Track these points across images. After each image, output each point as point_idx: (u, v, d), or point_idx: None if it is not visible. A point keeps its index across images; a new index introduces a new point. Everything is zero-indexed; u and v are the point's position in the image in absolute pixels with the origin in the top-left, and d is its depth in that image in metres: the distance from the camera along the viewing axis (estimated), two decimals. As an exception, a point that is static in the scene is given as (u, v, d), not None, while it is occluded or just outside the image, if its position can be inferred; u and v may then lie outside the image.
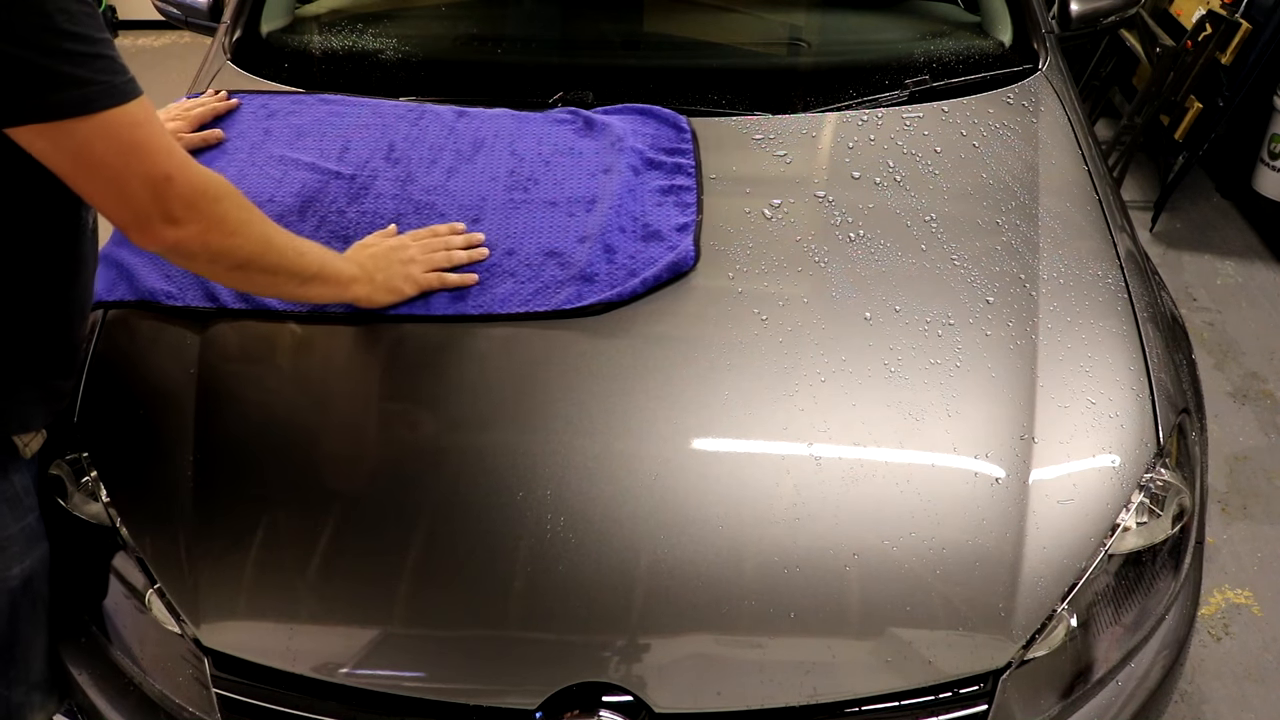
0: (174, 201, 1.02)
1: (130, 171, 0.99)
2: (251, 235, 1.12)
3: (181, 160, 1.03)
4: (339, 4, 2.05)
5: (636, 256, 1.39)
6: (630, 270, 1.37)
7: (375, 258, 1.33)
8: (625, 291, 1.34)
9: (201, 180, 1.05)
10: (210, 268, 1.14)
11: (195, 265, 1.14)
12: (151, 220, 1.03)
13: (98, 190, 1.00)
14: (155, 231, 1.04)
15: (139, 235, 1.04)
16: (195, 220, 1.05)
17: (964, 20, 2.04)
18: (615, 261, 1.38)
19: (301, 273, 1.21)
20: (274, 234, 1.16)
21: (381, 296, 1.32)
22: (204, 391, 1.28)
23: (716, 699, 1.09)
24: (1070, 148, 1.67)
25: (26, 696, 1.23)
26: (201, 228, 1.06)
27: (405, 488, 1.19)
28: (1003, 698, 1.13)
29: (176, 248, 1.06)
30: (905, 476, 1.19)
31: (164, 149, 1.01)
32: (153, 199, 1.01)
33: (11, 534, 1.13)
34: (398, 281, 1.33)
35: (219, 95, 1.65)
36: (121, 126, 0.96)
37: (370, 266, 1.31)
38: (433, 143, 1.56)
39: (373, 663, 1.11)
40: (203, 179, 1.06)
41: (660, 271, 1.36)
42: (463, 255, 1.38)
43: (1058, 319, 1.36)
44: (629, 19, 2.02)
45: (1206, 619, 2.10)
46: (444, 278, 1.35)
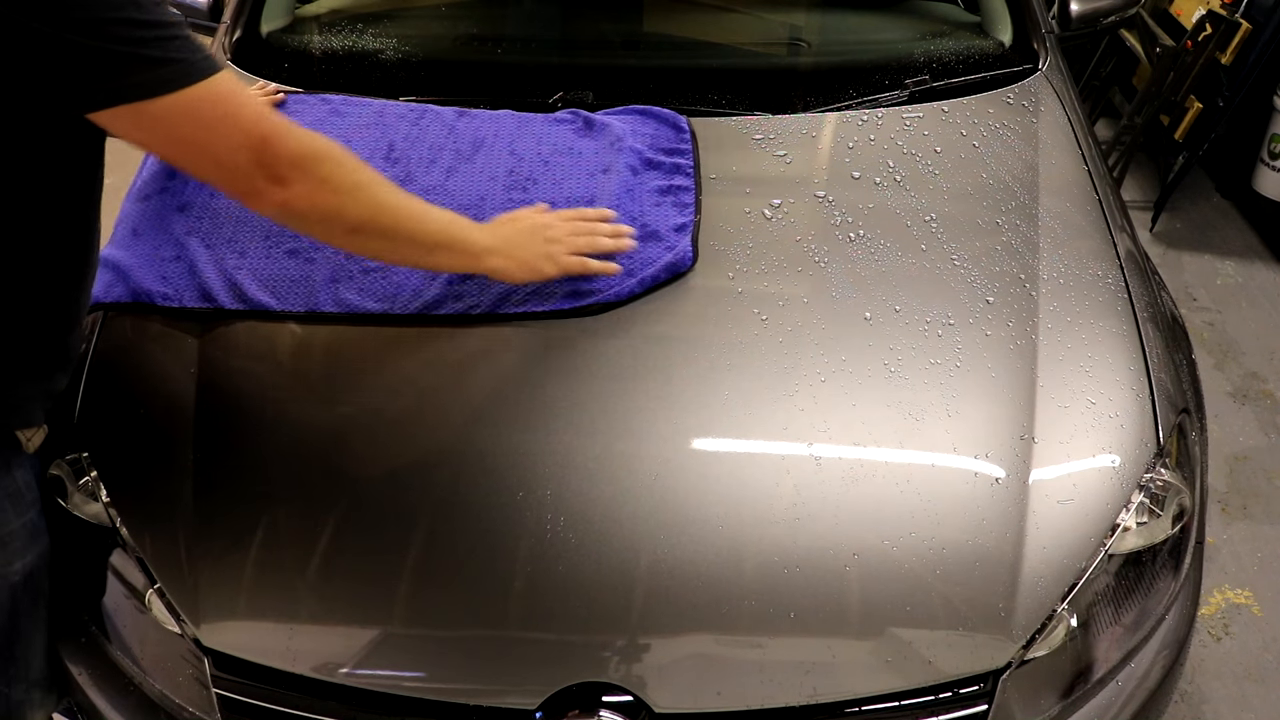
0: (278, 162, 1.04)
1: (226, 141, 1.01)
2: (361, 197, 1.12)
3: (277, 123, 1.05)
4: (339, 4, 2.04)
5: (634, 256, 1.39)
6: (628, 270, 1.37)
7: (519, 233, 1.31)
8: (623, 292, 1.34)
9: (303, 140, 1.07)
10: (325, 230, 1.15)
11: (309, 227, 1.15)
12: (257, 183, 1.04)
13: (200, 163, 1.04)
14: (264, 194, 1.05)
15: (250, 200, 1.07)
16: (301, 179, 1.06)
17: (964, 20, 2.04)
18: (614, 261, 1.38)
19: (424, 240, 1.20)
20: (389, 197, 1.16)
21: (519, 273, 1.29)
22: (204, 391, 1.28)
23: (716, 699, 1.09)
24: (1070, 148, 1.67)
25: (26, 694, 1.23)
26: (308, 187, 1.07)
27: (405, 487, 1.19)
28: (1003, 698, 1.13)
29: (286, 207, 1.07)
30: (905, 476, 1.19)
31: (255, 115, 1.03)
32: (255, 163, 1.03)
33: (13, 529, 1.14)
34: (539, 260, 1.30)
35: (266, 90, 1.65)
36: (208, 100, 0.99)
37: (512, 241, 1.29)
38: (432, 142, 1.56)
39: (373, 663, 1.11)
40: (304, 139, 1.07)
41: (658, 272, 1.36)
42: (608, 243, 1.36)
43: (1058, 319, 1.36)
44: (629, 19, 2.02)
45: (1206, 619, 2.10)
46: (586, 263, 1.33)
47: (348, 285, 1.36)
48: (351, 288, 1.35)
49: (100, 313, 1.38)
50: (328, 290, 1.35)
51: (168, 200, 1.47)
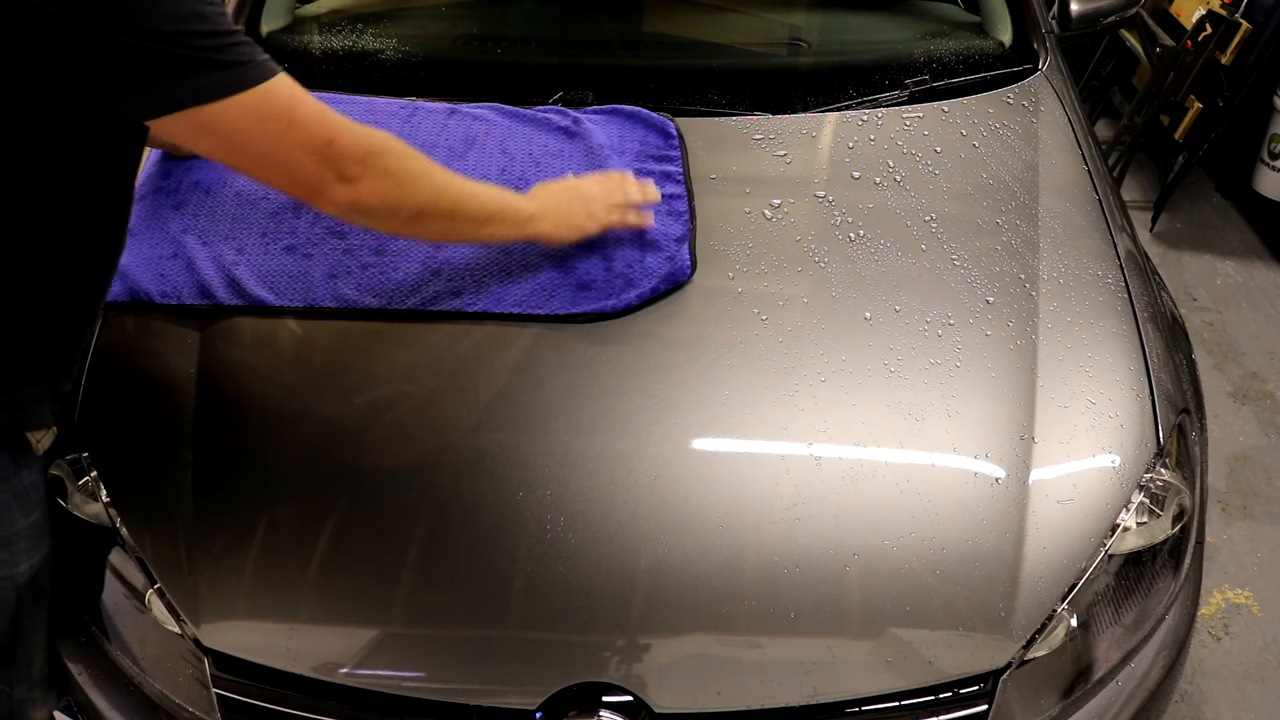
0: (345, 161, 1.07)
1: (291, 143, 1.03)
2: (422, 183, 1.16)
3: (339, 123, 1.07)
4: (339, 4, 2.04)
5: (634, 266, 1.38)
6: (627, 280, 1.37)
7: (556, 195, 1.36)
8: (621, 304, 1.34)
9: (364, 138, 1.09)
10: (389, 221, 1.18)
11: (373, 220, 1.18)
12: (326, 184, 1.07)
13: (266, 166, 1.06)
14: (332, 194, 1.08)
15: (318, 201, 1.09)
16: (367, 176, 1.09)
17: (964, 20, 2.04)
18: (613, 270, 1.38)
19: (478, 215, 1.24)
20: (446, 180, 1.20)
21: (565, 234, 1.35)
22: (204, 391, 1.28)
23: (716, 699, 1.09)
24: (1070, 148, 1.67)
25: (29, 693, 1.23)
26: (374, 183, 1.10)
27: (405, 487, 1.19)
28: (1003, 698, 1.13)
29: (354, 205, 1.10)
30: (905, 476, 1.19)
31: (318, 116, 1.05)
32: (321, 164, 1.05)
33: (21, 529, 1.14)
34: (580, 219, 1.35)
35: None
36: (271, 101, 1.00)
37: (551, 204, 1.34)
38: (424, 140, 1.56)
39: (373, 663, 1.11)
40: (365, 136, 1.09)
41: (657, 284, 1.36)
42: (636, 194, 1.40)
43: (1058, 319, 1.36)
44: (629, 19, 2.02)
45: (1206, 619, 2.10)
46: (624, 215, 1.38)
47: (346, 281, 1.36)
48: (350, 283, 1.35)
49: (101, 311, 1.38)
50: (326, 285, 1.35)
51: (163, 199, 1.48)
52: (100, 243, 1.11)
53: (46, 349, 1.11)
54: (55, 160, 1.00)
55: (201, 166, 1.53)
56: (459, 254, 1.39)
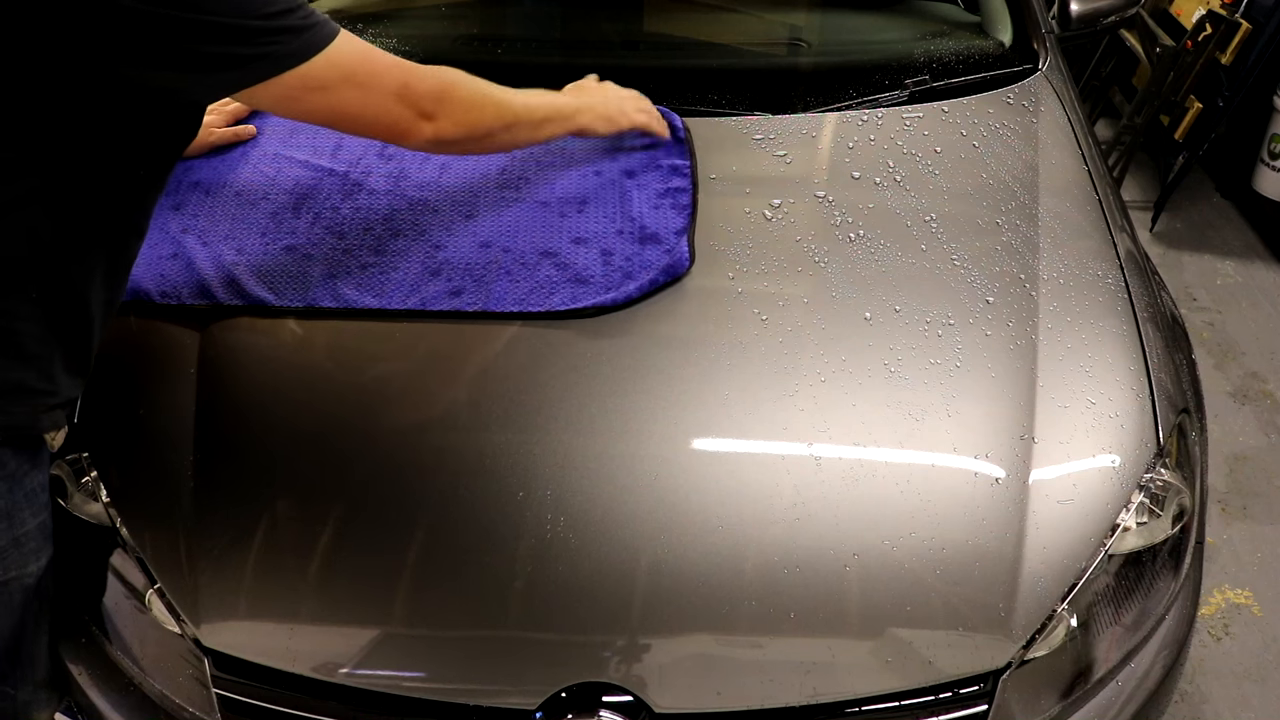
0: (422, 99, 1.17)
1: (375, 92, 1.13)
2: (488, 106, 1.28)
3: (409, 65, 1.17)
4: (339, 4, 2.04)
5: (633, 259, 1.39)
6: (626, 273, 1.37)
7: (591, 92, 1.49)
8: (620, 296, 1.34)
9: (434, 75, 1.20)
10: (466, 146, 1.30)
11: (455, 148, 1.30)
12: (412, 124, 1.18)
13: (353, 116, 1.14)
14: (418, 131, 1.19)
15: (404, 139, 1.20)
16: (446, 111, 1.20)
17: (964, 20, 2.04)
18: (611, 264, 1.38)
19: (533, 120, 1.36)
20: (505, 97, 1.30)
21: (603, 127, 1.48)
22: (204, 392, 1.28)
23: (716, 699, 1.09)
24: (1070, 148, 1.67)
25: (33, 694, 1.23)
26: (452, 115, 1.21)
27: (405, 487, 1.19)
28: (1003, 698, 1.13)
29: (438, 137, 1.22)
30: (905, 476, 1.19)
31: (392, 62, 1.15)
32: (404, 106, 1.16)
33: (31, 530, 1.14)
34: (616, 114, 1.48)
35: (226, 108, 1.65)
36: (345, 56, 1.09)
37: (591, 99, 1.46)
38: None
39: (373, 663, 1.11)
40: (434, 74, 1.20)
41: (656, 276, 1.36)
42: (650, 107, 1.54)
43: (1058, 319, 1.36)
44: (629, 19, 2.02)
45: (1206, 619, 2.10)
46: (650, 120, 1.53)
47: (345, 280, 1.36)
48: (349, 283, 1.35)
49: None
50: (325, 285, 1.35)
51: (162, 200, 1.47)
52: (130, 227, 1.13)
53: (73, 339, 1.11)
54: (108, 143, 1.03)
55: (201, 167, 1.53)
56: (459, 254, 1.39)
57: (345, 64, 1.09)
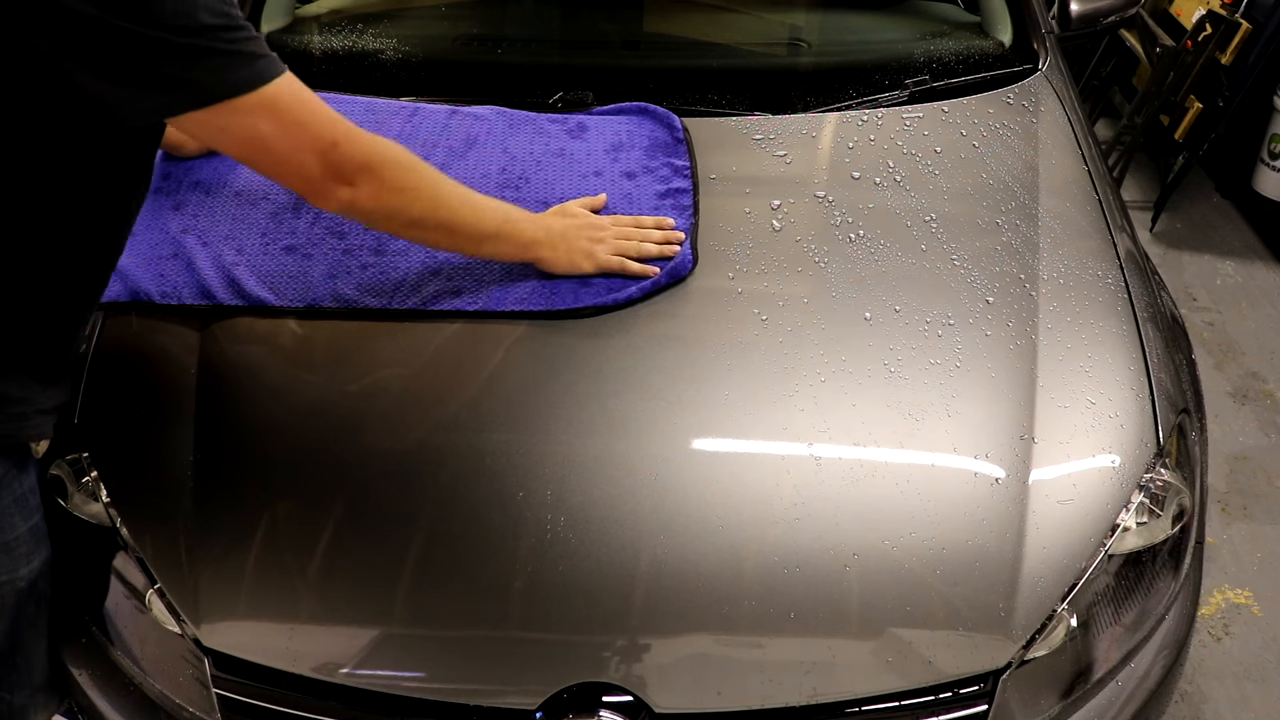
0: (345, 164, 1.11)
1: (299, 142, 1.07)
2: (422, 193, 1.20)
3: (345, 127, 1.11)
4: (339, 4, 2.04)
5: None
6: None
7: (566, 227, 1.37)
8: (621, 297, 1.34)
9: (368, 145, 1.13)
10: (387, 225, 1.23)
11: (371, 222, 1.24)
12: (326, 184, 1.11)
13: (273, 162, 1.09)
14: (331, 193, 1.12)
15: (317, 198, 1.13)
16: (367, 181, 1.13)
17: (964, 20, 2.04)
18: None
19: (478, 233, 1.28)
20: (446, 193, 1.24)
21: (562, 265, 1.36)
22: (204, 391, 1.28)
23: (716, 699, 1.09)
24: (1070, 148, 1.67)
25: (30, 699, 1.23)
26: (374, 188, 1.14)
27: (405, 487, 1.19)
28: (1003, 698, 1.13)
29: (352, 207, 1.15)
30: (905, 477, 1.19)
31: (327, 118, 1.09)
32: (324, 165, 1.09)
33: (21, 534, 1.14)
34: (579, 257, 1.36)
35: None
36: (281, 99, 1.04)
37: (558, 233, 1.36)
38: (425, 140, 1.57)
39: (373, 663, 1.11)
40: (369, 142, 1.14)
41: (659, 277, 1.36)
42: (654, 249, 1.39)
43: (1058, 319, 1.36)
44: (629, 19, 2.02)
45: (1206, 619, 2.10)
46: (625, 263, 1.37)
47: (345, 280, 1.36)
48: (349, 283, 1.35)
49: (100, 313, 1.38)
50: (326, 285, 1.35)
51: (162, 200, 1.48)
52: (102, 239, 1.11)
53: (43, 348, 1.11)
54: (73, 155, 1.01)
55: (201, 167, 1.53)
56: (457, 255, 1.39)
57: (280, 106, 1.04)
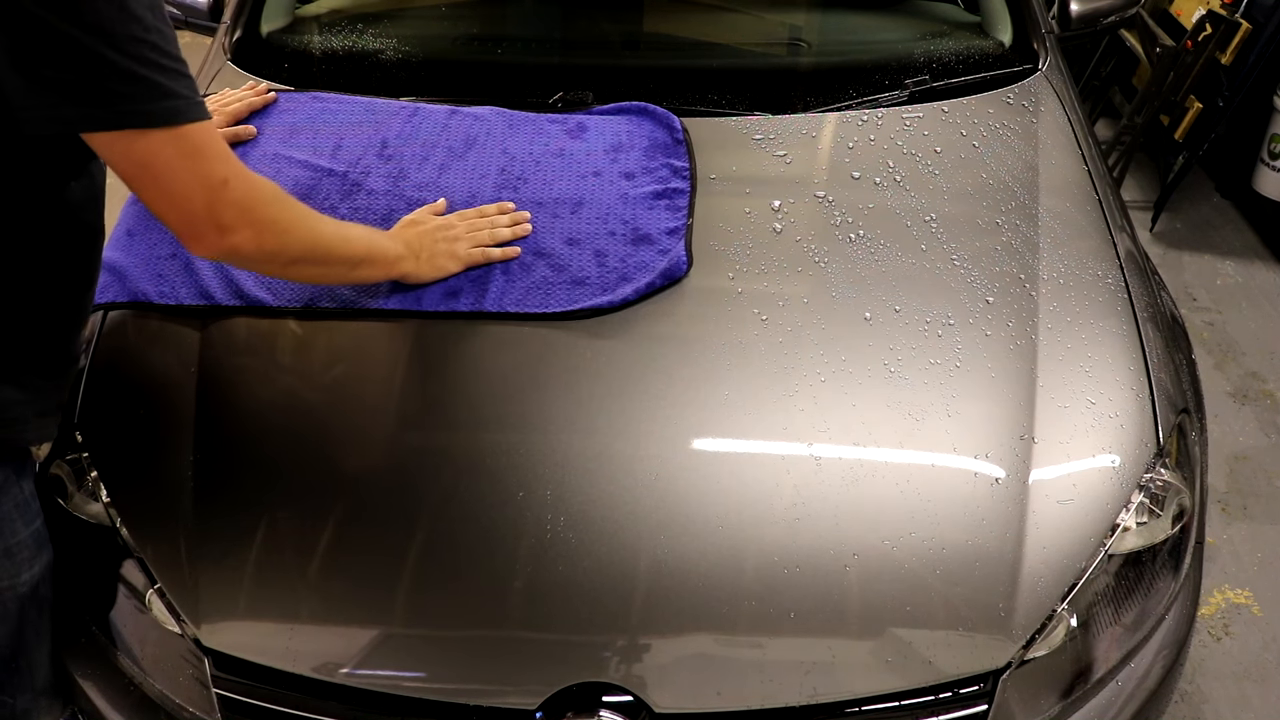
0: (227, 209, 1.05)
1: (189, 179, 1.02)
2: (301, 233, 1.16)
3: (237, 168, 1.06)
4: (339, 4, 2.04)
5: (628, 260, 1.39)
6: (622, 275, 1.37)
7: (421, 236, 1.37)
8: (616, 299, 1.34)
9: (255, 187, 1.09)
10: (265, 267, 1.20)
11: (251, 266, 1.21)
12: (206, 228, 1.05)
13: (158, 195, 1.03)
14: (209, 239, 1.07)
15: (193, 242, 1.07)
16: (248, 225, 1.08)
17: (964, 20, 2.04)
18: (607, 265, 1.38)
19: (350, 259, 1.25)
20: (321, 228, 1.20)
21: (427, 273, 1.36)
22: (204, 392, 1.28)
23: (716, 699, 1.09)
24: (1070, 148, 1.67)
25: (32, 703, 1.23)
26: (254, 232, 1.08)
27: (405, 487, 1.19)
28: (1003, 698, 1.13)
29: (233, 252, 1.09)
30: (905, 477, 1.19)
31: (222, 158, 1.05)
32: (206, 205, 1.04)
33: (22, 539, 1.14)
34: (442, 259, 1.37)
35: (257, 90, 1.65)
36: (191, 138, 1.00)
37: (416, 244, 1.35)
38: (425, 140, 1.57)
39: (373, 663, 1.11)
40: (256, 185, 1.09)
41: (654, 279, 1.36)
42: (506, 233, 1.42)
43: (1058, 319, 1.36)
44: (629, 19, 2.02)
45: (1206, 619, 2.10)
46: (488, 253, 1.39)
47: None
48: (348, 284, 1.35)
49: (100, 313, 1.38)
50: (321, 287, 1.35)
51: None
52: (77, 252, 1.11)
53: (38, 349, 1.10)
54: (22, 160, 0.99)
55: None
56: None
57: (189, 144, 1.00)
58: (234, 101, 1.60)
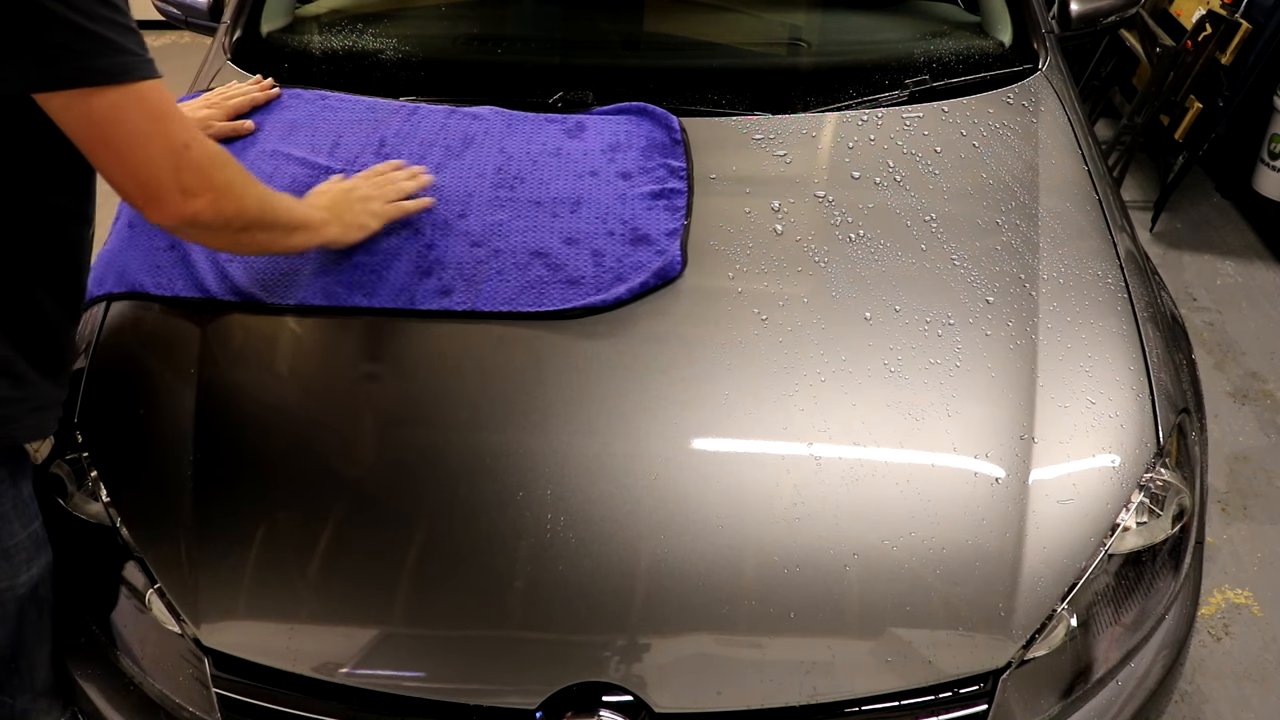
0: (189, 171, 1.04)
1: (154, 142, 1.01)
2: (252, 198, 1.16)
3: (195, 130, 1.06)
4: (339, 4, 2.04)
5: (624, 260, 1.39)
6: (617, 275, 1.37)
7: (336, 201, 1.36)
8: (610, 298, 1.34)
9: (211, 150, 1.08)
10: (219, 235, 1.16)
11: (207, 235, 1.16)
12: (170, 193, 1.04)
13: (120, 161, 1.02)
14: (172, 204, 1.05)
15: (156, 208, 1.05)
16: (209, 189, 1.07)
17: (964, 20, 2.04)
18: (603, 265, 1.38)
19: (289, 224, 1.24)
20: (264, 191, 1.19)
21: (352, 234, 1.36)
22: (204, 392, 1.28)
23: (716, 699, 1.09)
24: (1070, 148, 1.67)
25: (31, 704, 1.23)
26: (214, 196, 1.08)
27: (405, 487, 1.19)
28: (1003, 698, 1.13)
29: (195, 219, 1.08)
30: (905, 476, 1.19)
31: (181, 120, 1.04)
32: (172, 170, 1.03)
33: (20, 540, 1.14)
34: (363, 218, 1.37)
35: (262, 84, 1.65)
36: (150, 98, 1.00)
37: (335, 209, 1.35)
38: (423, 138, 1.57)
39: (373, 662, 1.11)
40: (211, 149, 1.09)
41: (648, 278, 1.36)
42: (409, 184, 1.43)
43: (1058, 319, 1.36)
44: (629, 19, 2.02)
45: (1206, 619, 2.10)
46: (402, 206, 1.40)
47: (336, 278, 1.36)
48: (340, 281, 1.36)
49: (100, 312, 1.38)
50: (316, 283, 1.36)
51: None
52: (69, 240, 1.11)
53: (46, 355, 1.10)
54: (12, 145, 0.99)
55: None
56: (450, 254, 1.40)
57: (148, 102, 0.99)
58: (236, 96, 1.60)
